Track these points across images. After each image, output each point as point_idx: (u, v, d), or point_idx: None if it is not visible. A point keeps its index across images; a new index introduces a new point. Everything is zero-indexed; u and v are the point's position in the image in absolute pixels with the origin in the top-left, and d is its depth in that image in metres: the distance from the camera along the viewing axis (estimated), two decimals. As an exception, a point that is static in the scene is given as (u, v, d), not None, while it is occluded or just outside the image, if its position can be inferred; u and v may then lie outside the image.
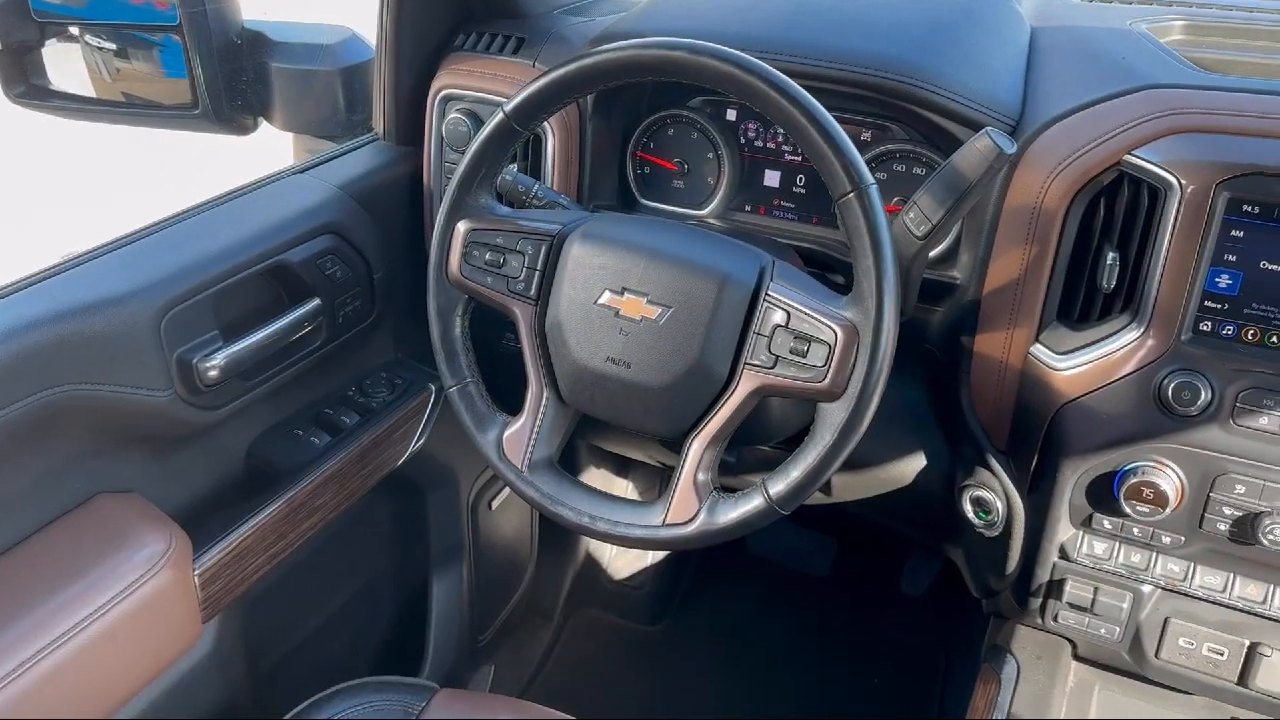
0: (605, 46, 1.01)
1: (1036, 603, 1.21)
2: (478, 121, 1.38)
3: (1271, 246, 1.00)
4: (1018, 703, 1.18)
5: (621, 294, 1.03)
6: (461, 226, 1.10)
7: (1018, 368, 1.15)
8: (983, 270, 1.16)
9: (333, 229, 1.35)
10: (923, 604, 2.07)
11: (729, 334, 1.00)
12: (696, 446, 1.03)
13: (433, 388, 1.50)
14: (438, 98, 1.42)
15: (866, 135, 1.28)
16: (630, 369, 1.03)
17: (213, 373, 1.18)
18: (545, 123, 1.32)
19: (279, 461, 1.32)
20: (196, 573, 1.15)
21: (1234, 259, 1.01)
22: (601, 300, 1.04)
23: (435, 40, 1.45)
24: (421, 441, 1.51)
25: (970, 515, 1.24)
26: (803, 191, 1.34)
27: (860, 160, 0.94)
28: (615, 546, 2.16)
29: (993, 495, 1.21)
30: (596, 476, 2.07)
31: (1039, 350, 1.13)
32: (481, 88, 1.39)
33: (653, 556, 2.14)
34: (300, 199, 1.34)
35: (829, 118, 0.94)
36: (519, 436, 1.11)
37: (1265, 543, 1.03)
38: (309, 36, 1.49)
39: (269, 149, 1.69)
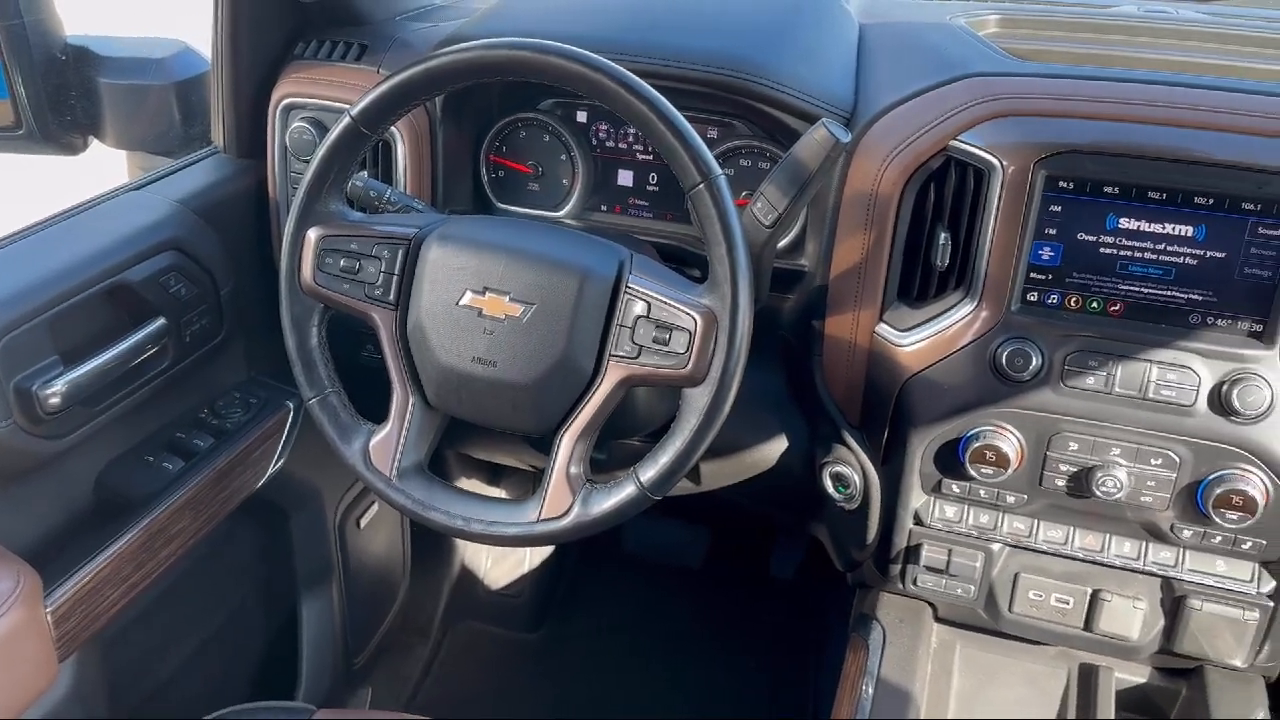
0: (451, 48, 1.02)
1: (896, 569, 1.27)
2: (323, 130, 1.35)
3: (1087, 219, 1.08)
4: (885, 666, 1.24)
5: (483, 293, 1.03)
6: (312, 234, 1.08)
7: (865, 347, 1.21)
8: (828, 256, 1.21)
9: (175, 245, 1.30)
10: (793, 584, 2.14)
11: (592, 327, 1.02)
12: (567, 440, 1.04)
13: (290, 405, 1.46)
14: (279, 107, 1.39)
15: (713, 132, 1.32)
16: (496, 368, 1.04)
17: (54, 400, 1.12)
18: (394, 129, 1.31)
19: (131, 490, 1.26)
20: (48, 610, 1.09)
21: (1054, 232, 1.09)
22: (463, 301, 1.04)
23: (273, 49, 1.42)
24: (281, 461, 1.47)
25: (830, 490, 1.29)
26: (656, 189, 1.37)
27: (708, 152, 0.97)
28: (491, 557, 2.15)
29: (850, 470, 1.26)
30: (468, 486, 2.05)
31: (883, 329, 1.19)
32: (325, 95, 1.36)
33: (529, 563, 2.13)
34: (139, 216, 1.29)
35: (676, 113, 0.97)
36: (386, 444, 1.09)
37: (1099, 494, 1.11)
38: (139, 50, 1.42)
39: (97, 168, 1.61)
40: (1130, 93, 1.10)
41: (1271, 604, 1.14)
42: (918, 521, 1.24)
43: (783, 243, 1.30)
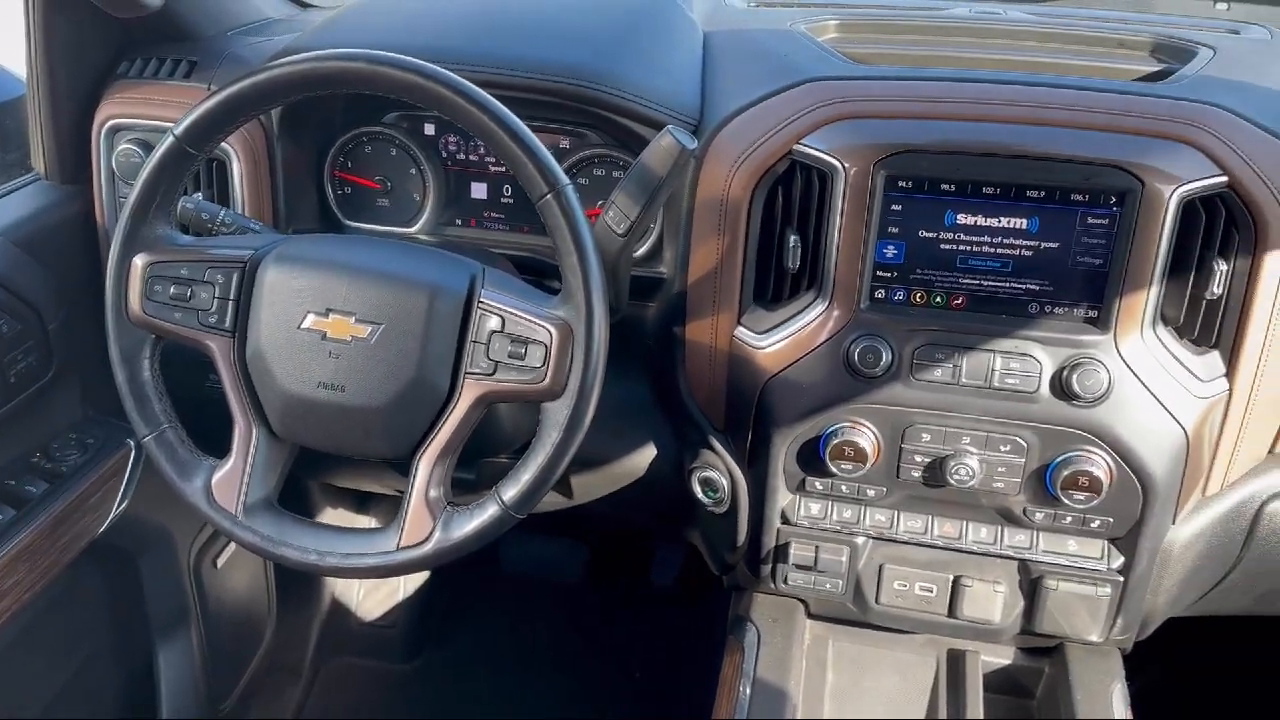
0: (280, 61, 0.97)
1: (767, 569, 1.28)
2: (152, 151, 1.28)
3: (927, 216, 1.11)
4: (761, 667, 1.24)
5: (326, 315, 0.99)
6: (139, 260, 1.02)
7: (725, 351, 1.21)
8: (685, 263, 1.22)
9: (-8, 280, 1.21)
10: (675, 591, 2.14)
11: (445, 345, 0.99)
12: (425, 464, 1.01)
13: (131, 444, 1.38)
14: (104, 129, 1.31)
15: (565, 142, 1.31)
16: (345, 392, 0.99)
17: None
18: (228, 146, 1.25)
19: (-46, 545, 1.17)
20: None
21: (897, 231, 1.12)
22: (305, 324, 0.99)
23: (95, 69, 1.34)
24: (125, 503, 1.38)
25: (700, 495, 1.29)
26: (510, 201, 1.35)
27: (554, 162, 0.96)
28: (363, 588, 2.08)
29: (718, 474, 1.27)
30: (334, 517, 1.98)
31: (742, 332, 1.20)
32: (153, 115, 1.30)
33: (403, 591, 2.07)
34: (-52, 251, 1.20)
35: (518, 123, 0.96)
36: (230, 479, 1.04)
37: (953, 482, 1.15)
38: (-57, 75, 1.33)
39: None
40: (963, 92, 1.14)
41: (1121, 579, 1.19)
42: (785, 520, 1.25)
43: (640, 251, 1.30)
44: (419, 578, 2.10)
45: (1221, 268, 1.07)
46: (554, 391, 0.98)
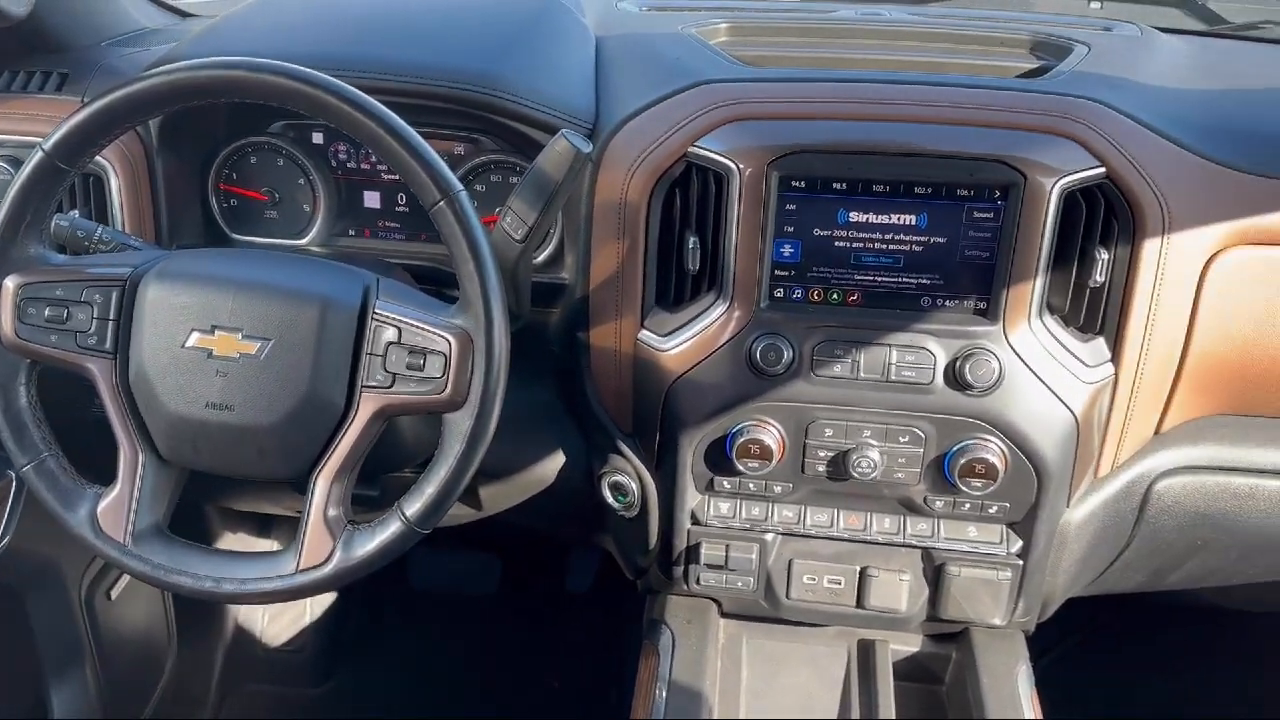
0: (155, 70, 0.94)
1: (679, 570, 1.28)
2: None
3: (820, 215, 1.13)
4: (676, 669, 1.24)
5: (212, 332, 0.96)
6: (10, 282, 0.97)
7: (630, 354, 1.21)
8: (586, 268, 1.21)
9: None
10: (591, 598, 2.13)
11: (340, 358, 0.96)
12: (323, 482, 0.99)
13: (12, 475, 1.31)
14: (-30, 146, 1.25)
15: (458, 149, 1.29)
16: (235, 412, 0.96)
17: None
18: (104, 160, 1.20)
19: None
20: None
21: (792, 230, 1.13)
22: (190, 342, 0.96)
23: (-43, 82, 1.27)
24: (7, 538, 1.31)
25: (610, 500, 1.29)
26: (406, 210, 1.33)
27: (445, 167, 0.94)
28: (268, 612, 2.01)
29: (627, 478, 1.27)
30: (234, 542, 1.92)
31: (646, 335, 1.20)
32: (22, 130, 1.24)
33: (310, 614, 2.02)
34: None
35: (408, 129, 0.94)
36: (116, 507, 0.99)
37: (856, 475, 1.16)
38: None
39: None
40: (851, 93, 1.16)
41: (1021, 562, 1.22)
42: (695, 521, 1.26)
43: (540, 257, 1.29)
44: (326, 599, 2.04)
45: (1103, 256, 1.11)
46: (455, 402, 0.96)
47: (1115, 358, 1.15)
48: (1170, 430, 1.23)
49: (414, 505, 0.98)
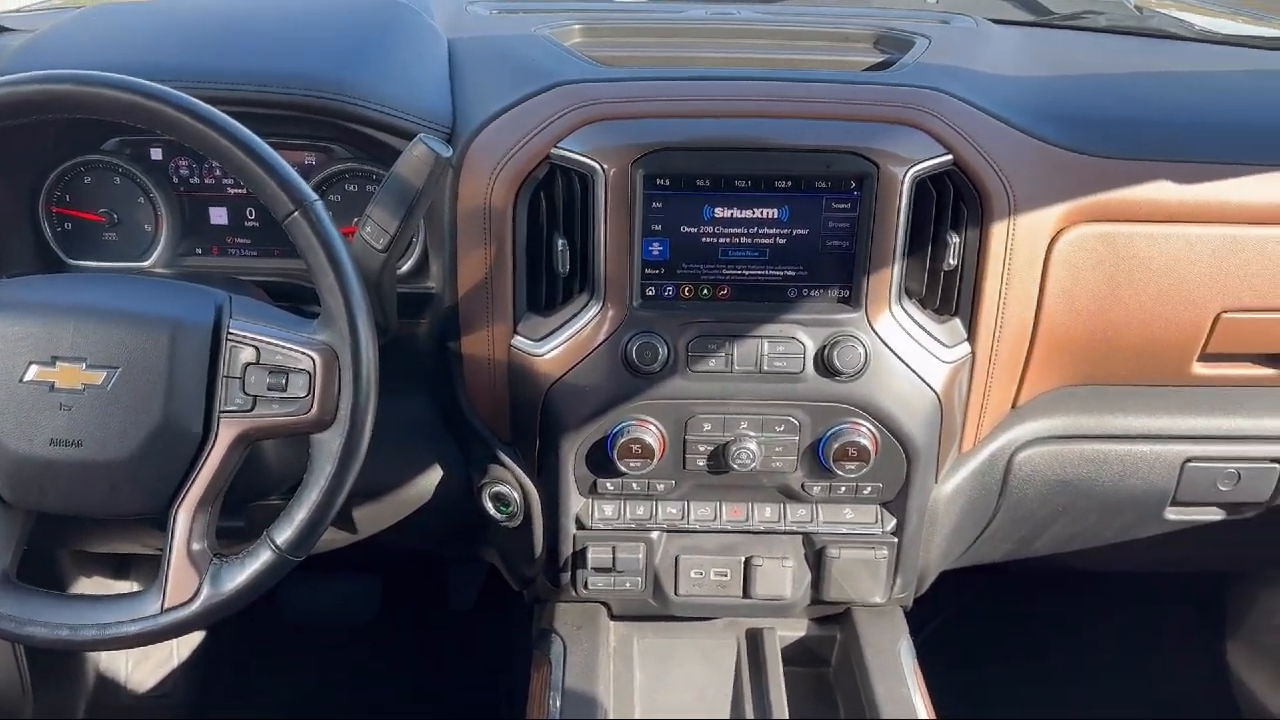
0: None
1: (567, 577, 1.27)
2: None
3: (686, 212, 1.13)
4: (569, 676, 1.23)
5: (53, 364, 0.89)
6: None
7: (504, 361, 1.19)
8: (453, 275, 1.19)
9: None
10: (476, 614, 2.09)
11: (194, 384, 0.92)
12: (184, 515, 0.94)
13: None
14: None
15: (311, 159, 1.25)
16: (83, 447, 0.90)
17: None
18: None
19: None
20: None
21: (660, 228, 1.14)
22: (29, 376, 0.89)
23: None
24: None
25: (492, 511, 1.27)
26: (256, 225, 1.27)
27: (297, 177, 0.91)
28: (132, 656, 1.90)
29: (508, 487, 1.25)
30: (91, 586, 1.80)
31: (519, 341, 1.18)
32: None
33: (178, 656, 1.91)
34: None
35: (254, 139, 0.90)
36: (-45, 558, 0.92)
37: (735, 467, 1.18)
38: None
39: None
40: (708, 90, 1.17)
41: (896, 540, 1.26)
42: (580, 525, 1.25)
43: (405, 266, 1.26)
44: (194, 639, 1.94)
45: (954, 241, 1.15)
46: (323, 421, 0.93)
47: (971, 337, 1.20)
48: (1026, 403, 1.29)
49: (284, 532, 0.94)
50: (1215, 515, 1.40)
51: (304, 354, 0.92)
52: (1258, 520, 1.40)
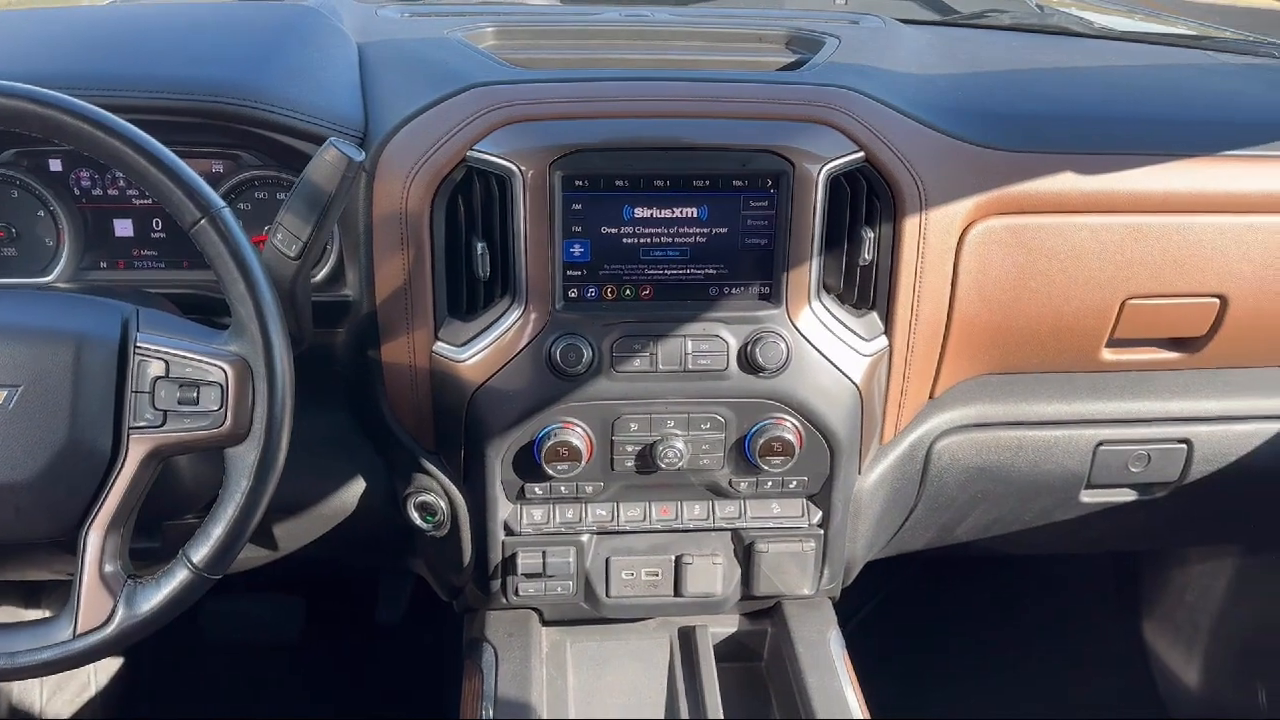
0: None
1: (497, 584, 1.26)
2: None
3: (607, 213, 1.13)
4: (501, 685, 1.22)
5: (-52, 385, 0.85)
6: None
7: (426, 368, 1.18)
8: (370, 282, 1.17)
9: None
10: (404, 628, 2.06)
11: (101, 400, 0.88)
12: (95, 536, 0.90)
13: None
14: None
15: (219, 167, 1.22)
16: None
17: None
18: None
19: None
20: None
21: (580, 229, 1.13)
22: (-79, 398, 0.85)
23: None
24: None
25: (419, 521, 1.25)
26: (163, 236, 1.24)
27: (202, 183, 0.88)
28: (46, 685, 1.83)
29: (434, 496, 1.23)
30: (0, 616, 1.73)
31: (441, 347, 1.17)
32: None
33: (95, 683, 1.84)
34: None
35: (157, 146, 0.88)
36: None
37: (663, 466, 1.18)
38: None
39: None
40: (624, 91, 1.17)
41: (822, 531, 1.28)
42: (509, 532, 1.24)
43: (320, 274, 1.23)
44: (111, 664, 1.87)
45: (869, 236, 1.17)
46: (238, 435, 0.90)
47: (888, 330, 1.22)
48: (944, 393, 1.32)
49: (201, 550, 0.92)
50: (1128, 496, 1.45)
51: (215, 366, 0.89)
52: (1168, 500, 1.45)
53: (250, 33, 1.27)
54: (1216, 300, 1.28)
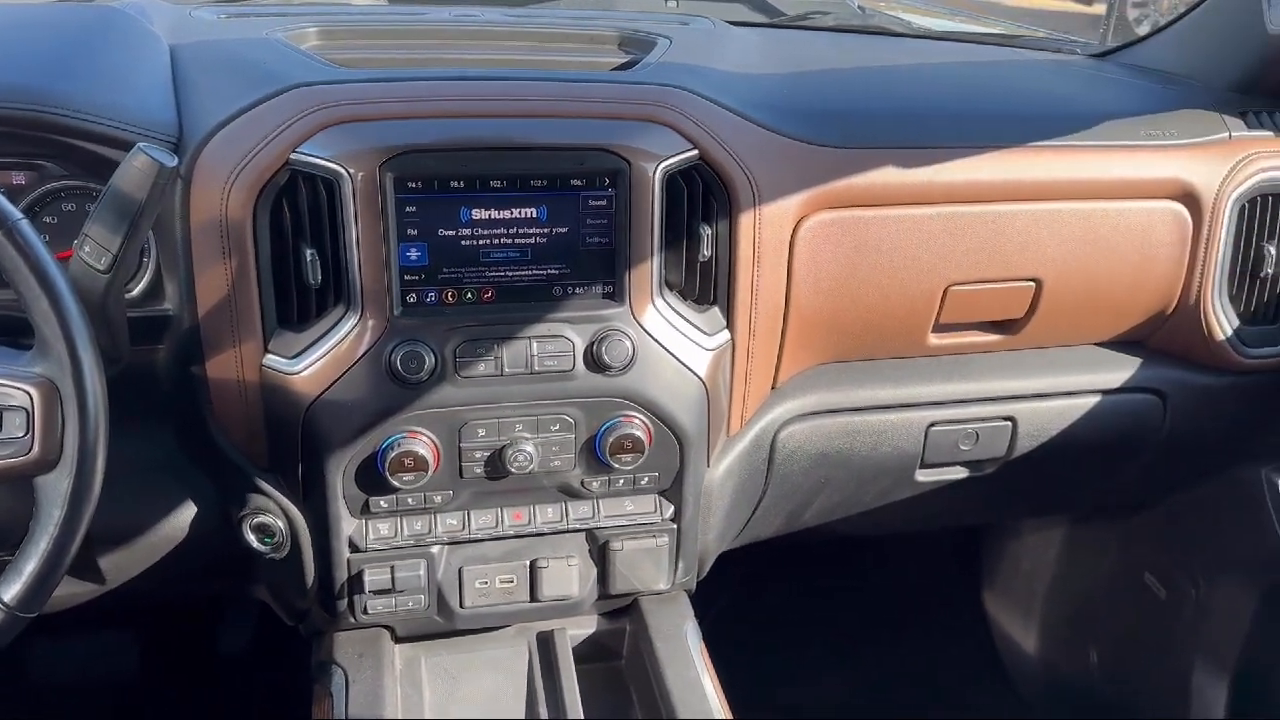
0: None
1: (344, 604, 1.21)
2: None
3: (443, 215, 1.11)
4: (352, 708, 1.17)
5: None
6: None
7: (256, 383, 1.13)
8: (191, 295, 1.11)
9: None
10: (248, 657, 1.96)
11: None
12: (-113, 582, 0.82)
13: None
14: None
15: (20, 178, 1.13)
16: None
17: None
18: None
19: None
20: None
21: (415, 233, 1.10)
22: None
23: None
24: None
25: (256, 544, 1.19)
26: (-47, 254, 1.13)
27: None
28: None
29: (272, 517, 1.18)
30: None
31: (272, 360, 1.12)
32: None
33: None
34: None
35: None
36: None
37: (514, 470, 1.17)
38: None
39: None
40: (455, 91, 1.15)
41: (675, 526, 1.29)
42: (354, 548, 1.20)
43: (136, 288, 1.16)
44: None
45: (707, 232, 1.19)
46: (47, 462, 0.84)
47: (730, 324, 1.24)
48: (785, 383, 1.35)
49: (12, 587, 0.85)
50: (960, 474, 1.52)
51: (18, 389, 0.83)
52: (997, 475, 1.54)
53: (51, 35, 1.19)
54: (1032, 284, 1.36)
